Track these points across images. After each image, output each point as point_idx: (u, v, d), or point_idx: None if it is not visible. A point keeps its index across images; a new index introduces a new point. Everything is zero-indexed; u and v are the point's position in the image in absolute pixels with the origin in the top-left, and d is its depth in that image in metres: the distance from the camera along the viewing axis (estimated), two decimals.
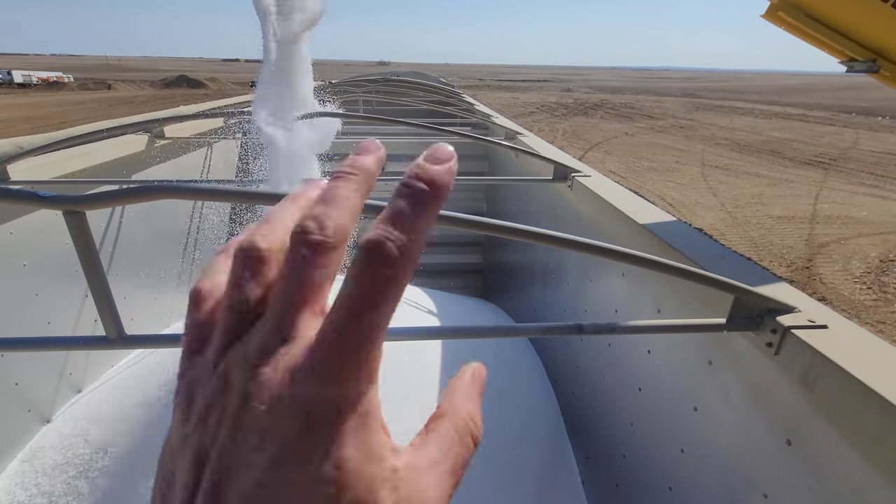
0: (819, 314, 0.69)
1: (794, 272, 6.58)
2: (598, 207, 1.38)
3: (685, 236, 1.01)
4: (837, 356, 0.60)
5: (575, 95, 36.72)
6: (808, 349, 0.63)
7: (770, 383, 0.71)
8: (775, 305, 0.69)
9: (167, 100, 28.71)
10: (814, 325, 0.66)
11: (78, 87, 36.55)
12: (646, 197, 8.29)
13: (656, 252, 1.05)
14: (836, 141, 16.50)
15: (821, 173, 12.22)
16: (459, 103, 3.94)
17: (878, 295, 6.02)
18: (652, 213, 1.19)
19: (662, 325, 0.70)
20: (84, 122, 18.12)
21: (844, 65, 1.48)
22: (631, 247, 1.26)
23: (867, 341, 0.64)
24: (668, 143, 16.26)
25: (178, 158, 2.35)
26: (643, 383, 1.25)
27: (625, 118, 23.08)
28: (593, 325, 0.68)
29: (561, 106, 28.06)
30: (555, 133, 17.81)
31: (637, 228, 1.11)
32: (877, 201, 9.80)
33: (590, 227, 1.50)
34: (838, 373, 0.58)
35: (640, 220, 1.13)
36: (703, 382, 0.94)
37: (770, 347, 0.68)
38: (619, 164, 12.86)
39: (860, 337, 0.65)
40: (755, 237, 7.75)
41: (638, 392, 1.27)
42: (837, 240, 7.69)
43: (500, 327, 0.67)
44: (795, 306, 0.69)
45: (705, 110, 27.49)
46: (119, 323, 0.64)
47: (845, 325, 0.68)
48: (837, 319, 0.69)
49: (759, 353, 0.71)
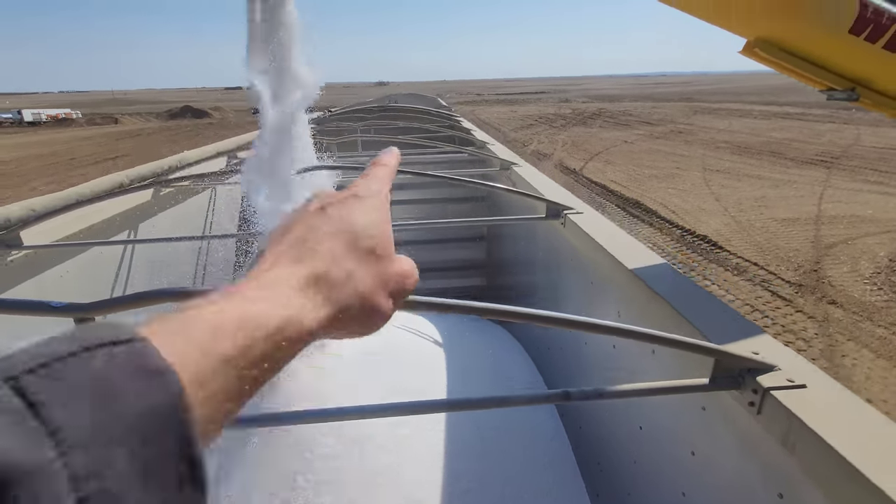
0: (798, 372, 0.71)
1: (803, 276, 6.53)
2: (589, 246, 1.41)
3: (672, 283, 1.04)
4: (813, 420, 0.62)
5: (573, 105, 37.00)
6: (786, 411, 0.65)
7: (756, 440, 0.73)
8: (755, 365, 0.71)
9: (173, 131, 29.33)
10: (792, 384, 0.68)
11: (86, 123, 37.46)
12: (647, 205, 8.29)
13: (643, 299, 1.07)
14: (836, 139, 16.46)
15: (823, 172, 12.16)
16: (456, 130, 4.01)
17: (889, 296, 5.94)
18: (641, 255, 1.22)
19: (647, 389, 0.72)
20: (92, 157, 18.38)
21: (824, 93, 1.51)
22: (620, 290, 1.29)
23: (844, 402, 0.66)
24: (668, 148, 16.30)
25: (183, 205, 2.43)
26: (644, 422, 1.27)
27: (623, 126, 23.19)
28: (580, 392, 0.71)
29: (559, 117, 28.27)
30: (554, 145, 17.93)
31: (626, 273, 1.14)
32: (882, 198, 9.72)
33: (584, 264, 1.53)
34: (814, 438, 0.60)
35: (628, 264, 1.16)
36: (698, 428, 0.96)
37: (753, 406, 0.71)
38: (620, 173, 12.89)
39: (838, 397, 0.67)
40: (761, 241, 7.71)
41: (639, 431, 1.29)
42: (844, 240, 7.62)
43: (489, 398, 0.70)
44: (775, 364, 0.72)
45: (703, 114, 27.55)
46: None
47: (824, 384, 0.70)
48: (817, 377, 0.71)
49: (743, 410, 0.73)
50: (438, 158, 3.18)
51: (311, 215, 0.37)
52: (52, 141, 25.68)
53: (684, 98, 41.39)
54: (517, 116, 29.34)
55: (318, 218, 0.36)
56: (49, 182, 13.86)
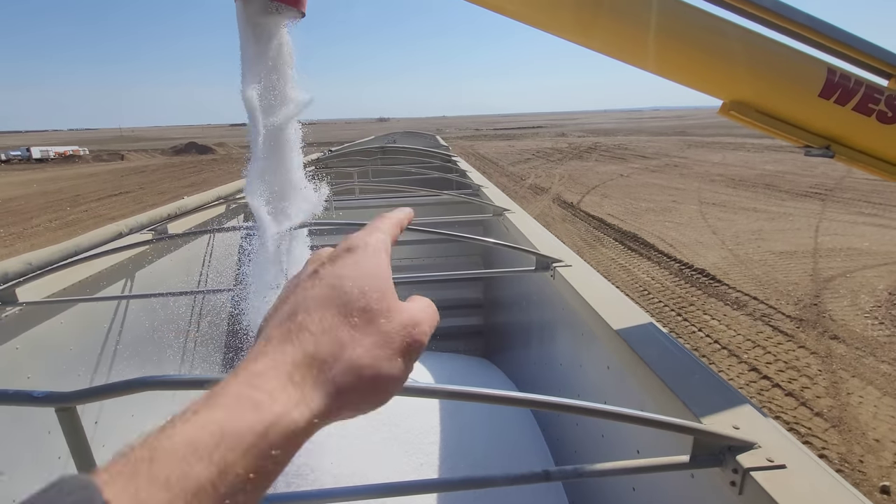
0: (778, 451, 0.71)
1: (803, 310, 6.49)
2: (577, 300, 1.43)
3: (657, 346, 1.04)
4: None
5: (569, 140, 37.82)
6: (766, 496, 0.64)
7: None
8: (734, 443, 0.71)
9: (177, 167, 29.89)
10: (772, 465, 0.68)
11: (92, 160, 38.22)
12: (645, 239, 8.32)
13: (627, 360, 1.08)
14: (829, 171, 16.72)
15: (818, 204, 12.30)
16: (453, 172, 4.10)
17: (891, 330, 5.89)
18: (626, 313, 1.23)
19: (628, 468, 0.72)
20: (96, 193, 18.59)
21: (801, 149, 1.56)
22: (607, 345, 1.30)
23: (825, 484, 0.65)
24: (664, 182, 16.54)
25: (180, 251, 2.45)
26: (636, 483, 1.24)
27: (619, 159, 23.62)
28: (560, 471, 0.70)
29: (556, 151, 28.85)
30: (551, 178, 18.21)
31: (611, 333, 1.15)
32: (878, 230, 9.79)
33: (574, 316, 1.53)
34: None
35: (613, 323, 1.17)
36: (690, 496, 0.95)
37: (734, 486, 0.70)
38: (617, 206, 13.03)
39: (818, 479, 0.66)
40: (759, 275, 7.70)
41: (633, 492, 1.26)
42: (843, 273, 7.62)
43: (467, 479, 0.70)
44: (755, 442, 0.72)
45: (697, 147, 28.12)
46: None
47: (804, 463, 0.69)
48: (797, 457, 0.70)
49: (727, 489, 0.72)
50: (434, 201, 3.24)
51: (305, 281, 0.34)
52: (59, 178, 26.13)
53: (678, 132, 42.36)
54: (515, 150, 29.94)
55: (311, 283, 0.33)
56: (53, 219, 14.02)
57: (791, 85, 1.38)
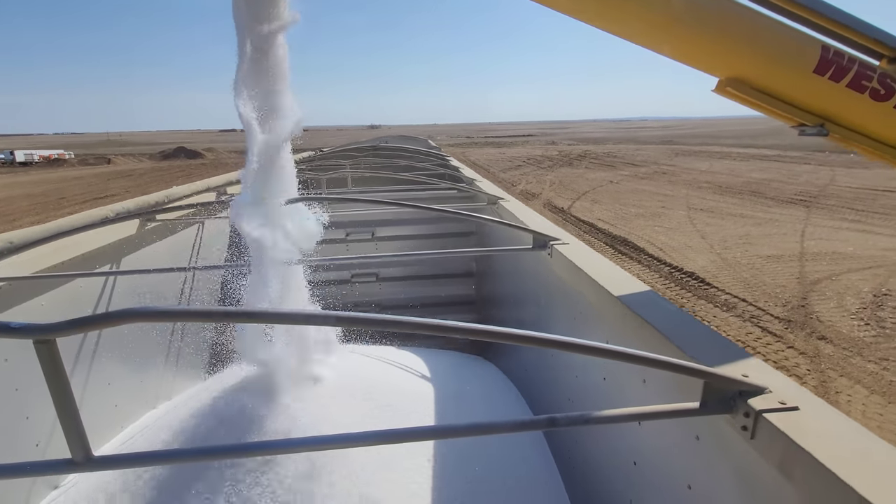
0: (790, 394, 0.69)
1: (791, 311, 6.57)
2: (576, 276, 1.41)
3: (659, 309, 1.03)
4: (810, 443, 0.59)
5: (559, 148, 38.20)
6: (780, 435, 0.62)
7: (753, 468, 0.70)
8: (745, 388, 0.69)
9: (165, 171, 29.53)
10: (785, 406, 0.66)
11: (78, 163, 37.64)
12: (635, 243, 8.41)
13: (632, 325, 1.06)
14: (813, 179, 17.09)
15: (803, 211, 12.52)
16: (445, 168, 4.09)
17: (877, 331, 5.98)
18: (627, 283, 1.21)
19: (637, 414, 0.70)
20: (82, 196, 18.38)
21: (796, 129, 1.58)
22: (608, 318, 1.28)
23: (840, 425, 0.64)
24: (653, 188, 16.75)
25: (168, 240, 2.39)
26: (638, 457, 1.22)
27: (609, 167, 23.89)
28: (566, 418, 0.68)
29: (546, 158, 29.10)
30: (542, 185, 18.33)
31: (613, 301, 1.13)
32: (861, 235, 9.99)
33: (572, 293, 1.52)
34: (812, 462, 0.57)
35: (615, 291, 1.15)
36: (693, 460, 0.92)
37: (746, 431, 0.68)
38: (607, 211, 13.15)
39: (832, 419, 0.65)
40: (747, 278, 7.79)
41: (633, 466, 1.24)
42: (828, 276, 7.74)
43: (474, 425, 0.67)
44: (766, 387, 0.70)
45: (685, 156, 28.57)
46: (86, 444, 0.63)
47: (816, 406, 0.68)
48: (808, 399, 0.69)
49: (737, 436, 0.70)
50: (428, 195, 3.22)
51: None
52: (43, 181, 25.66)
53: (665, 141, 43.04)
54: (506, 158, 30.14)
55: None
56: (37, 221, 13.72)
57: (787, 60, 1.39)
